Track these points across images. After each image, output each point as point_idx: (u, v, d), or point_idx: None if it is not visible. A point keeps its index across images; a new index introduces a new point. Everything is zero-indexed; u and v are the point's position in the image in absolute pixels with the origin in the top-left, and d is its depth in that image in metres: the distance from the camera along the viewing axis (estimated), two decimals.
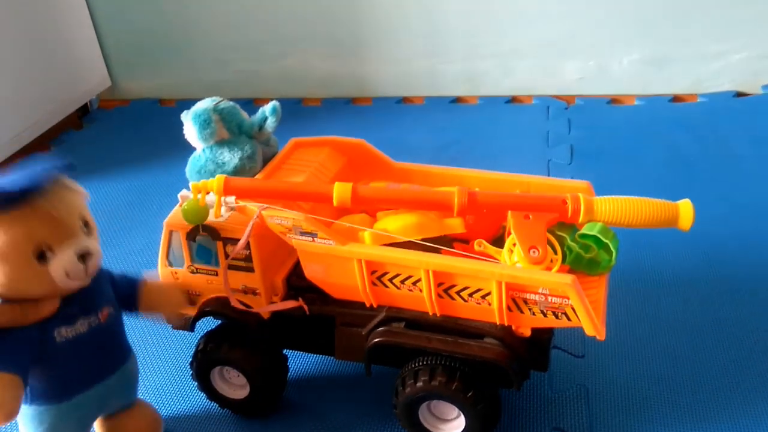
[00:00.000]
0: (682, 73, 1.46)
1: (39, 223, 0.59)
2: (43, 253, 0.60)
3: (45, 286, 0.61)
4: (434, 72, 1.57)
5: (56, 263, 0.60)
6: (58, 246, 0.60)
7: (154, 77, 1.71)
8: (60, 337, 0.62)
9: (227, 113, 0.74)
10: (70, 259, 0.60)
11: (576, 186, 0.72)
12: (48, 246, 0.60)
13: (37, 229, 0.59)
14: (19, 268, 0.59)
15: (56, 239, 0.60)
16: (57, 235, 0.60)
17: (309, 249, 0.67)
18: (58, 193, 0.61)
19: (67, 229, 0.61)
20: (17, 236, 0.58)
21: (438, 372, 0.66)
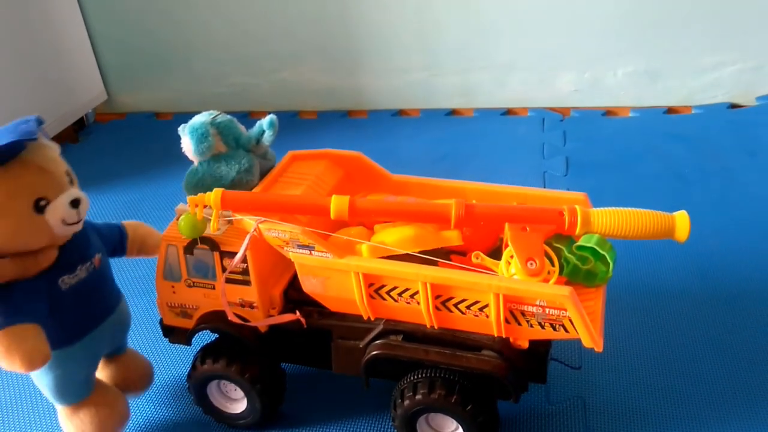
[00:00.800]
0: (676, 85, 1.48)
1: (32, 176, 0.63)
2: (39, 204, 0.63)
3: (43, 235, 0.65)
4: (430, 85, 1.58)
5: (52, 212, 0.64)
6: (53, 196, 0.64)
7: (150, 91, 1.71)
8: (64, 284, 0.67)
9: (224, 127, 0.75)
10: (65, 206, 0.65)
11: (573, 198, 0.72)
12: (43, 197, 0.63)
13: (31, 182, 0.63)
14: (19, 220, 0.63)
15: (50, 190, 0.64)
16: (50, 186, 0.64)
17: (306, 262, 0.67)
18: (43, 148, 0.66)
19: (58, 180, 0.65)
20: (14, 190, 0.62)
21: (437, 385, 0.66)
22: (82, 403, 0.74)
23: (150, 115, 1.70)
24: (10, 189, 0.62)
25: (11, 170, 0.63)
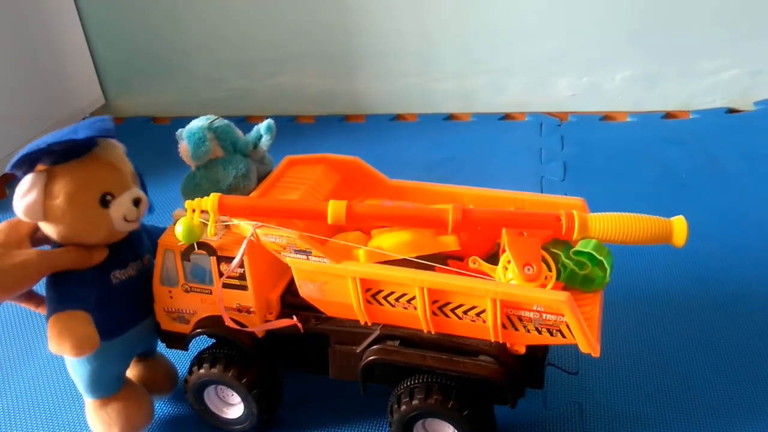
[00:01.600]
0: (674, 90, 1.48)
1: (103, 171, 0.68)
2: (105, 199, 0.68)
3: (104, 229, 0.69)
4: (427, 89, 1.58)
5: (116, 207, 0.68)
6: (118, 192, 0.68)
7: (147, 95, 1.72)
8: (115, 279, 0.71)
9: (222, 131, 0.75)
10: (128, 203, 0.69)
11: (570, 203, 0.72)
12: (110, 192, 0.68)
13: (101, 177, 0.68)
14: (85, 212, 0.67)
15: (116, 186, 0.68)
16: (117, 183, 0.69)
17: (303, 267, 0.67)
18: (113, 146, 0.70)
19: (124, 178, 0.70)
20: (85, 182, 0.67)
21: (434, 390, 0.66)
22: (112, 398, 0.75)
23: (147, 120, 1.71)
24: (82, 181, 0.66)
25: (84, 163, 0.67)
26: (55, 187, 0.66)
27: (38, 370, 0.92)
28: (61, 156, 0.67)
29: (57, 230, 0.68)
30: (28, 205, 0.66)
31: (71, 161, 0.67)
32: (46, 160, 0.67)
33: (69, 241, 0.69)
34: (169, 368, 0.84)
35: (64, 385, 0.88)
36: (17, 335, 0.99)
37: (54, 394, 0.88)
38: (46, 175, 0.67)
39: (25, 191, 0.66)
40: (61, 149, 0.66)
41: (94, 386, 0.74)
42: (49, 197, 0.66)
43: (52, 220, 0.67)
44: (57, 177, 0.66)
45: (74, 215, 0.67)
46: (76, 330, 0.66)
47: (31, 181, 0.66)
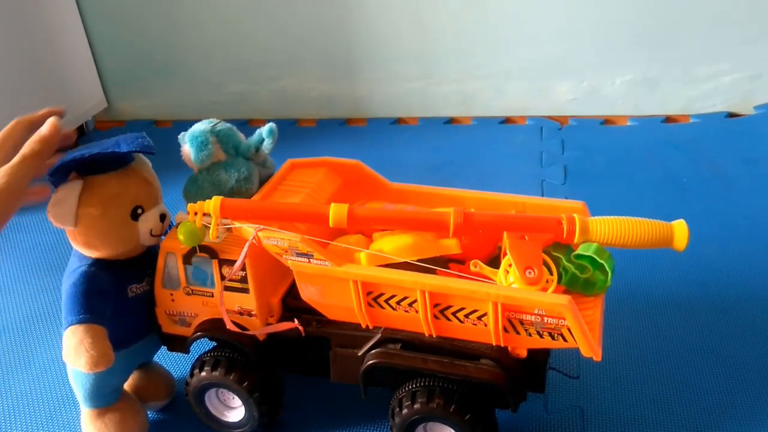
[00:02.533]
0: (674, 94, 1.48)
1: (137, 185, 0.70)
2: (136, 212, 0.70)
3: (131, 241, 0.71)
4: (428, 93, 1.58)
5: (144, 221, 0.71)
6: (148, 207, 0.71)
7: (149, 99, 1.72)
8: (131, 292, 0.73)
9: (224, 135, 0.75)
10: (155, 218, 0.72)
11: (571, 206, 0.72)
12: (141, 206, 0.70)
13: (135, 190, 0.70)
14: (116, 222, 0.69)
15: (147, 201, 0.71)
16: (148, 197, 0.71)
17: (305, 270, 0.67)
18: (146, 162, 0.73)
19: (155, 193, 0.73)
20: (120, 194, 0.69)
21: (436, 394, 0.66)
22: (109, 409, 0.76)
23: (149, 123, 1.71)
24: (117, 192, 0.69)
25: (121, 176, 0.69)
26: (90, 196, 0.68)
27: (39, 373, 0.92)
28: (99, 167, 0.69)
29: (85, 238, 0.69)
30: (62, 211, 0.67)
31: (108, 173, 0.69)
32: (83, 169, 0.69)
33: (93, 249, 0.70)
34: (165, 376, 0.84)
35: (64, 388, 0.88)
36: (19, 338, 0.99)
37: (54, 397, 0.88)
38: (82, 183, 0.68)
39: (60, 198, 0.67)
40: (102, 160, 0.68)
41: (92, 396, 0.75)
42: (83, 205, 0.68)
43: (83, 228, 0.69)
44: (93, 186, 0.68)
45: (105, 225, 0.69)
46: (94, 348, 0.66)
47: (67, 189, 0.68)
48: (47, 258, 1.18)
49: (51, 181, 0.69)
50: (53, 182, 0.69)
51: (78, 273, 0.70)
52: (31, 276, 1.13)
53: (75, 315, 0.68)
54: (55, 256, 1.18)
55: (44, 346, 0.97)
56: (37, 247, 1.21)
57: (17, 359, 0.95)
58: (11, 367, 0.94)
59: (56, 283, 1.10)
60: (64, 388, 0.88)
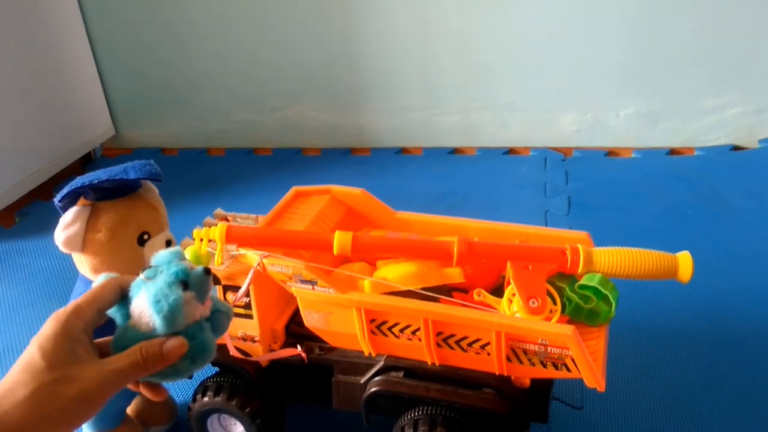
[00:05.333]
0: (678, 126, 1.50)
1: (144, 211, 0.71)
2: (142, 238, 0.71)
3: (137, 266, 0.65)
4: (432, 123, 1.60)
5: (150, 247, 0.71)
6: (154, 233, 0.72)
7: (156, 127, 1.74)
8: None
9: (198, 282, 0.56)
10: (161, 244, 0.72)
11: (575, 237, 0.73)
12: (147, 231, 0.71)
13: (142, 216, 0.71)
14: (123, 248, 0.70)
15: (154, 227, 0.72)
16: (155, 223, 0.72)
17: (309, 297, 0.67)
18: (152, 189, 0.74)
19: (162, 220, 0.73)
20: (127, 219, 0.69)
21: (438, 422, 0.65)
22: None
23: (156, 151, 1.73)
24: (125, 218, 0.69)
25: (128, 202, 0.70)
26: (98, 221, 0.69)
27: None
28: (107, 193, 0.70)
29: (92, 264, 0.70)
30: (70, 236, 0.68)
31: (116, 199, 0.70)
32: (91, 195, 0.70)
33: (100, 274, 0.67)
34: (168, 401, 0.84)
35: None
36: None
37: None
38: (91, 209, 0.69)
39: (68, 223, 0.68)
40: (110, 187, 0.69)
41: (97, 419, 0.75)
42: (91, 230, 0.69)
43: (90, 253, 0.70)
44: (101, 212, 0.69)
45: (112, 250, 0.69)
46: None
47: (75, 214, 0.68)
48: (52, 283, 1.18)
49: (59, 206, 0.70)
50: (61, 207, 0.70)
51: None
52: (36, 300, 1.13)
53: None
54: (61, 281, 1.18)
55: None
56: (42, 272, 1.22)
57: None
58: None
59: (60, 307, 1.10)
60: None
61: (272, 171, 1.55)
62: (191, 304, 0.50)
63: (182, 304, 0.50)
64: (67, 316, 0.47)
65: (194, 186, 1.47)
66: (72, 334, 0.47)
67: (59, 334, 0.46)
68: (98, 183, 0.67)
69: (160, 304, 0.49)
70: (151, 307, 0.49)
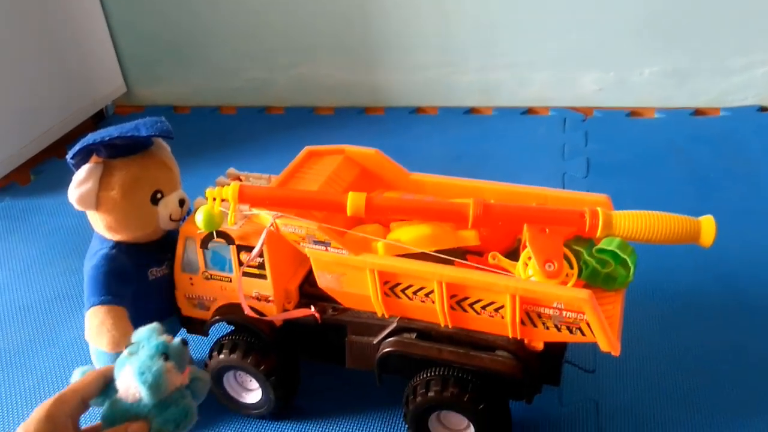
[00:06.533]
0: (704, 86, 1.45)
1: (157, 169, 0.71)
2: (155, 196, 0.71)
3: (150, 225, 0.71)
4: (448, 82, 1.57)
5: (164, 206, 0.71)
6: (168, 192, 0.72)
7: (168, 84, 1.73)
8: (151, 275, 0.73)
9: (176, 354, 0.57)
10: (175, 203, 0.72)
11: (594, 200, 0.71)
12: (160, 190, 0.71)
13: (155, 175, 0.70)
14: (136, 206, 0.70)
15: (167, 186, 0.72)
16: (168, 182, 0.72)
17: (322, 258, 0.67)
18: (164, 147, 0.73)
19: (175, 178, 0.73)
20: (140, 178, 0.69)
21: (450, 383, 0.66)
22: None
23: (168, 109, 1.72)
24: (137, 176, 0.69)
25: (140, 160, 0.70)
26: (111, 179, 0.69)
27: (62, 352, 0.94)
28: (119, 150, 0.69)
29: (106, 221, 0.70)
30: (83, 194, 0.68)
31: (128, 156, 0.69)
32: (104, 152, 0.69)
33: (114, 232, 0.71)
34: None
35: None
36: (43, 318, 1.01)
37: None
38: (103, 166, 0.69)
39: (81, 180, 0.68)
40: (122, 144, 0.69)
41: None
42: (104, 188, 0.69)
43: (104, 211, 0.70)
44: (114, 170, 0.69)
45: (126, 208, 0.69)
46: (115, 328, 0.67)
47: (88, 171, 0.68)
48: (69, 241, 1.19)
49: (72, 163, 0.69)
50: (74, 164, 0.69)
51: (99, 255, 0.71)
52: (55, 258, 1.15)
53: (97, 296, 0.69)
54: (78, 239, 1.19)
55: (67, 325, 0.99)
56: (59, 230, 1.23)
57: (41, 338, 0.97)
58: (35, 345, 0.95)
59: (78, 266, 1.11)
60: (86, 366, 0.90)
61: (285, 130, 1.53)
62: (172, 373, 0.55)
63: (164, 373, 0.55)
64: (51, 404, 0.53)
65: (206, 145, 1.46)
66: (55, 419, 0.52)
67: (43, 420, 0.52)
68: (109, 140, 0.67)
69: (145, 376, 0.54)
70: (137, 379, 0.54)
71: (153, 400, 0.55)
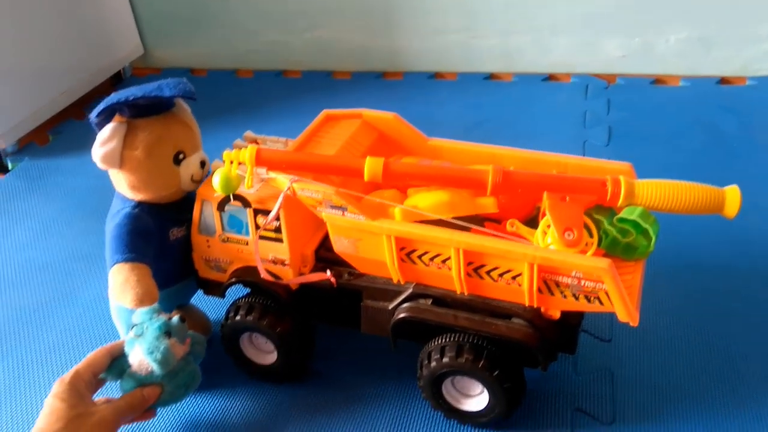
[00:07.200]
0: (731, 54, 1.40)
1: (179, 130, 0.71)
2: (178, 157, 0.71)
3: (172, 186, 0.72)
4: (468, 47, 1.53)
5: (186, 167, 0.72)
6: (190, 153, 0.72)
7: (185, 47, 1.71)
8: (172, 236, 0.74)
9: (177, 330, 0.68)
10: (196, 164, 0.72)
11: (617, 168, 0.70)
12: (183, 151, 0.71)
13: (178, 135, 0.71)
14: (159, 166, 0.70)
15: (189, 146, 0.72)
16: (190, 143, 0.72)
17: (338, 223, 0.67)
18: (186, 108, 0.73)
19: (196, 139, 0.73)
20: (163, 138, 0.69)
21: (465, 349, 0.66)
22: None
23: (185, 71, 1.71)
24: (161, 136, 0.69)
25: (163, 120, 0.70)
26: (135, 139, 0.69)
27: (81, 310, 0.96)
28: (141, 110, 0.69)
29: (129, 180, 0.71)
30: (107, 153, 0.68)
31: (151, 116, 0.69)
32: (127, 112, 0.69)
33: (137, 191, 0.71)
34: (202, 318, 0.86)
35: (106, 324, 0.91)
36: (62, 277, 1.03)
37: (95, 333, 0.91)
38: (127, 126, 0.69)
39: (106, 139, 0.68)
40: (145, 104, 0.68)
41: None
42: (128, 148, 0.69)
43: (127, 170, 0.70)
44: (137, 129, 0.69)
45: (149, 168, 0.70)
46: (139, 285, 0.68)
47: (112, 131, 0.68)
48: (88, 201, 1.20)
49: (94, 122, 0.69)
50: (97, 124, 0.69)
51: (122, 214, 0.72)
52: (73, 218, 1.16)
53: (120, 254, 0.69)
54: (96, 199, 1.20)
55: (87, 284, 1.00)
56: (78, 191, 1.24)
57: (61, 297, 0.99)
58: (55, 303, 0.97)
59: (96, 227, 1.12)
60: (105, 324, 0.91)
61: (302, 94, 1.52)
62: (176, 347, 0.67)
63: (170, 349, 0.66)
64: (70, 377, 0.63)
65: (223, 108, 1.46)
66: (78, 388, 0.63)
67: (68, 389, 0.62)
68: (133, 99, 0.67)
69: (154, 355, 0.65)
70: (147, 357, 0.65)
71: (163, 372, 0.66)
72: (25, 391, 0.83)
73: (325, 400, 0.77)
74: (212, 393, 0.80)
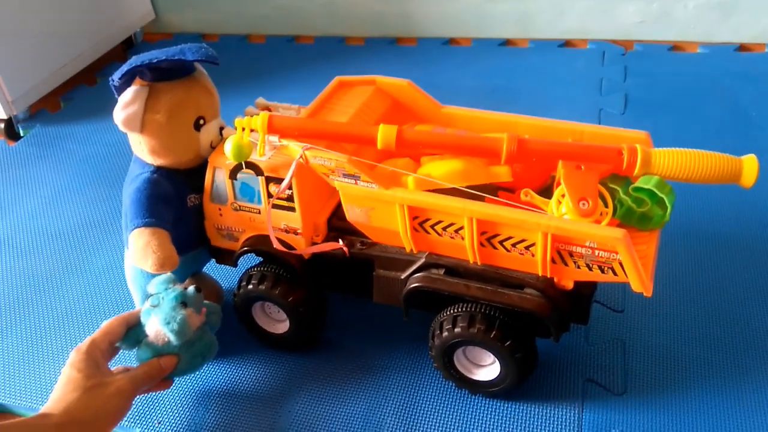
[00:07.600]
0: (751, 20, 1.36)
1: (200, 95, 0.71)
2: (198, 122, 0.71)
3: (191, 151, 0.72)
4: (483, 12, 1.50)
5: (206, 132, 0.72)
6: (210, 118, 0.72)
7: (196, 11, 1.69)
8: (190, 202, 0.75)
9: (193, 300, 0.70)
10: (215, 131, 0.73)
11: (633, 136, 0.68)
12: (203, 117, 0.71)
13: (199, 100, 0.71)
14: (180, 131, 0.70)
15: (209, 112, 0.72)
16: (210, 109, 0.72)
17: (351, 191, 0.66)
18: (205, 74, 0.73)
19: (216, 105, 0.73)
20: (185, 102, 0.69)
21: (477, 319, 0.66)
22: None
23: (197, 36, 1.69)
24: (183, 100, 0.69)
25: (185, 84, 0.70)
26: (157, 102, 0.68)
27: (93, 278, 0.97)
28: (163, 74, 0.68)
29: (150, 144, 0.70)
30: (129, 116, 0.68)
31: (173, 80, 0.69)
32: (148, 75, 0.69)
33: (157, 156, 0.71)
34: (214, 286, 0.87)
35: (118, 292, 0.93)
36: (74, 245, 1.04)
37: (108, 301, 0.92)
38: (149, 89, 0.68)
39: (128, 102, 0.68)
40: (167, 68, 0.68)
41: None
42: (149, 111, 0.68)
43: (148, 134, 0.70)
44: (159, 93, 0.68)
45: (170, 132, 0.69)
46: (161, 249, 0.68)
47: (134, 93, 0.68)
48: (100, 168, 1.21)
49: (115, 85, 0.69)
50: (117, 87, 0.69)
51: (142, 179, 0.72)
52: (85, 185, 1.17)
53: (141, 218, 0.69)
54: (108, 166, 1.21)
55: (99, 252, 1.01)
56: (90, 158, 1.24)
57: (73, 265, 1.00)
58: (67, 271, 0.98)
59: (108, 194, 1.13)
60: (118, 292, 0.93)
61: (314, 60, 1.50)
62: (192, 317, 0.68)
63: (186, 319, 0.67)
64: (86, 346, 0.64)
65: (235, 74, 1.44)
66: (94, 357, 0.64)
67: (84, 359, 0.63)
68: (156, 62, 0.67)
69: (171, 325, 0.66)
70: (164, 328, 0.66)
71: (180, 342, 0.67)
72: (39, 359, 0.84)
73: (337, 369, 0.78)
74: (224, 361, 0.81)
